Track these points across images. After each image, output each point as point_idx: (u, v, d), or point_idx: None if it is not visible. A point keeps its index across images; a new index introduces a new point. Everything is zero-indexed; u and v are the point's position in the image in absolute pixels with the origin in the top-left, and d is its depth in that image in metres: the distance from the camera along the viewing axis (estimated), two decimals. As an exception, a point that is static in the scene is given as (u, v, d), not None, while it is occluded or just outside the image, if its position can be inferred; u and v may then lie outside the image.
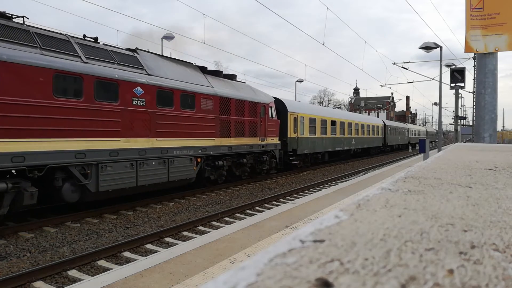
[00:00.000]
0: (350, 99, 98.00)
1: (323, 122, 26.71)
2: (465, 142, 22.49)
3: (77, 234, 9.22)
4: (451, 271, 0.48)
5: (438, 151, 16.36)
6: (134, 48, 13.08)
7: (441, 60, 21.64)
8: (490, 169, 1.86)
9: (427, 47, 20.17)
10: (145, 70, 12.33)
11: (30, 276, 6.56)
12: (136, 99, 11.68)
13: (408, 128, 61.19)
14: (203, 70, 16.00)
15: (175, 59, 15.10)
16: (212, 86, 15.43)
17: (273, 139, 19.71)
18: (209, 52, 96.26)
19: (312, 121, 25.10)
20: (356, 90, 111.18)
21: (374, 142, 39.93)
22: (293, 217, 9.00)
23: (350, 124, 32.12)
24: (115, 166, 10.89)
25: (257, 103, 18.33)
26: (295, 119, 22.75)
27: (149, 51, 13.96)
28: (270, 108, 19.56)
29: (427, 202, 0.98)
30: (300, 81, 46.57)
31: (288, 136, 21.85)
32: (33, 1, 22.81)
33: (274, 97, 21.31)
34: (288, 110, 22.14)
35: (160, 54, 14.26)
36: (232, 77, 18.39)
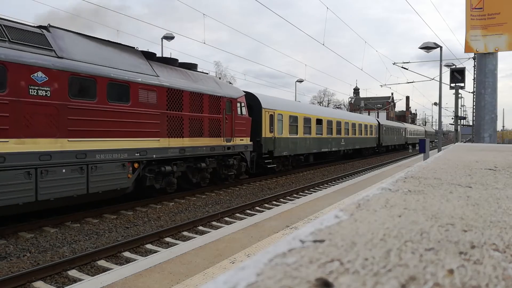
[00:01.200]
0: (350, 99, 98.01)
1: (307, 120, 24.09)
2: (465, 142, 22.50)
3: (77, 234, 9.22)
4: (451, 271, 0.48)
5: (438, 151, 16.36)
6: (47, 24, 10.48)
7: (441, 60, 21.64)
8: (490, 169, 1.86)
9: (427, 47, 20.16)
10: (55, 51, 9.76)
11: (30, 276, 6.56)
12: (36, 87, 9.08)
13: (405, 128, 58.96)
14: (148, 56, 13.43)
15: (106, 40, 12.22)
16: (158, 75, 12.78)
17: (242, 140, 16.95)
18: (210, 52, 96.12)
19: (293, 119, 22.56)
20: (356, 90, 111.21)
21: (367, 142, 37.35)
22: (293, 217, 9.00)
23: (339, 123, 29.36)
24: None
25: (220, 97, 15.49)
26: (272, 117, 20.08)
27: (71, 30, 11.11)
28: (239, 104, 16.80)
29: (427, 202, 0.98)
30: (300, 81, 46.58)
31: (263, 136, 19.20)
32: (32, 1, 22.81)
33: (246, 91, 18.76)
34: (263, 106, 19.45)
35: (83, 34, 11.32)
36: (191, 66, 15.69)
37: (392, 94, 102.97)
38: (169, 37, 26.40)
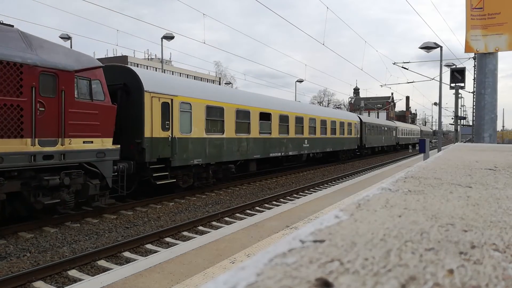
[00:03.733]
0: (350, 99, 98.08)
1: (242, 114, 17.25)
2: (465, 142, 22.49)
3: (77, 234, 9.22)
4: (451, 271, 0.48)
5: (438, 151, 16.35)
6: None
7: (441, 60, 21.63)
8: (490, 169, 1.86)
9: (427, 47, 20.16)
10: None
11: (30, 276, 6.56)
12: None
13: (396, 127, 52.39)
14: None
15: None
16: None
17: (92, 142, 10.42)
18: (210, 52, 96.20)
19: (215, 111, 15.52)
20: (356, 90, 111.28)
21: (345, 143, 30.63)
22: (293, 217, 9.00)
23: (299, 119, 22.75)
24: None
25: (22, 65, 8.83)
26: (166, 106, 13.23)
27: None
28: (83, 82, 10.31)
29: (427, 202, 0.98)
30: (300, 81, 46.58)
31: (147, 135, 12.36)
32: (33, 1, 22.77)
33: (115, 65, 13.78)
34: (146, 88, 12.39)
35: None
36: None
37: (392, 94, 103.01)
38: (169, 37, 26.42)
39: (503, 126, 76.13)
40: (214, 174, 15.87)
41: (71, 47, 27.82)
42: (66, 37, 27.74)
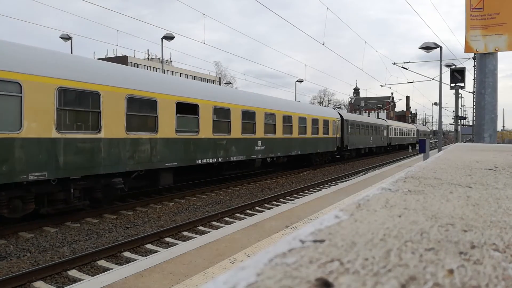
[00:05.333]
0: (350, 99, 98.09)
1: (141, 104, 11.94)
2: (465, 142, 22.50)
3: (77, 234, 9.22)
4: (451, 271, 0.48)
5: (438, 151, 16.36)
6: None
7: (441, 60, 21.63)
8: (490, 169, 1.86)
9: (427, 47, 20.17)
10: None
11: (30, 276, 6.56)
12: None
13: (388, 126, 46.43)
14: None
15: None
16: None
17: None
18: (210, 52, 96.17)
19: (75, 97, 10.09)
20: (356, 90, 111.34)
21: (319, 145, 25.49)
22: (293, 217, 9.00)
23: (251, 115, 17.80)
24: None
25: None
26: None
27: None
28: None
29: (427, 202, 0.98)
30: (300, 81, 46.58)
31: None
32: (34, 2, 22.78)
33: None
34: None
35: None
36: None
37: (392, 94, 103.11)
38: (169, 37, 26.43)
39: (503, 126, 76.19)
40: (86, 194, 10.68)
41: (71, 47, 27.82)
42: (67, 37, 27.76)
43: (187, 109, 13.74)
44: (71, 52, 26.62)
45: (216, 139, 15.26)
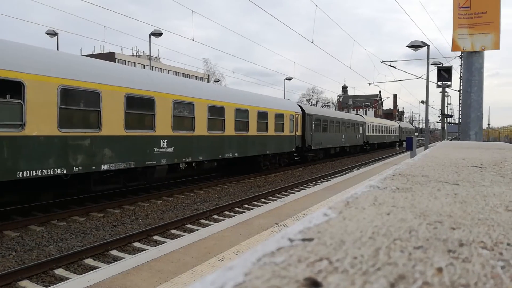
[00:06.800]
0: (338, 97, 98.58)
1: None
2: (451, 140, 22.77)
3: (63, 233, 9.12)
4: (440, 270, 0.48)
5: (425, 149, 16.54)
6: None
7: (428, 59, 21.85)
8: (476, 167, 1.88)
9: (414, 46, 20.35)
10: None
11: (16, 275, 6.47)
12: None
13: (364, 122, 41.60)
14: None
15: None
16: None
17: None
18: (199, 50, 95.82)
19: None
20: (345, 88, 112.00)
21: (270, 145, 20.47)
22: (282, 215, 9.02)
23: (148, 103, 12.65)
24: None
25: None
26: None
27: None
28: None
29: (415, 199, 0.98)
30: (289, 79, 46.70)
31: None
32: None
33: None
34: None
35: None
36: None
37: (380, 92, 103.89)
38: (157, 34, 26.24)
39: (488, 124, 77.11)
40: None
41: (57, 44, 27.46)
42: (53, 33, 27.39)
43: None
44: (57, 49, 26.29)
45: (67, 136, 10.09)
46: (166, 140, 13.29)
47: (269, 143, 20.47)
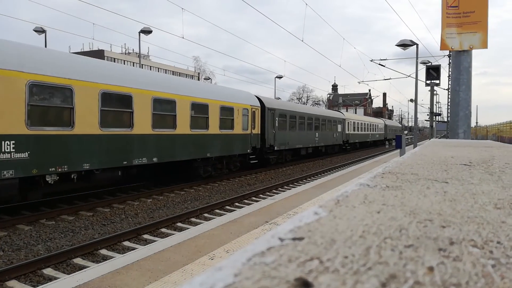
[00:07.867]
0: (328, 95, 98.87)
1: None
2: (440, 138, 22.98)
3: (52, 232, 9.02)
4: (431, 269, 0.48)
5: (414, 147, 16.66)
6: None
7: (417, 58, 22.01)
8: (465, 165, 1.89)
9: (403, 45, 20.47)
10: None
11: (4, 275, 6.39)
12: None
13: (344, 119, 37.01)
14: None
15: None
16: None
17: None
18: (189, 48, 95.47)
19: None
20: (335, 87, 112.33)
21: (213, 146, 16.54)
22: (272, 213, 9.03)
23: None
24: None
25: None
26: None
27: None
28: None
29: (405, 197, 0.98)
30: (280, 77, 46.72)
31: None
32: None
33: None
34: None
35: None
36: None
37: (369, 90, 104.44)
38: (146, 31, 26.06)
39: (476, 123, 77.96)
40: None
41: (45, 41, 27.14)
42: (41, 31, 27.06)
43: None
44: (45, 46, 25.99)
45: None
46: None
47: (211, 144, 16.38)
